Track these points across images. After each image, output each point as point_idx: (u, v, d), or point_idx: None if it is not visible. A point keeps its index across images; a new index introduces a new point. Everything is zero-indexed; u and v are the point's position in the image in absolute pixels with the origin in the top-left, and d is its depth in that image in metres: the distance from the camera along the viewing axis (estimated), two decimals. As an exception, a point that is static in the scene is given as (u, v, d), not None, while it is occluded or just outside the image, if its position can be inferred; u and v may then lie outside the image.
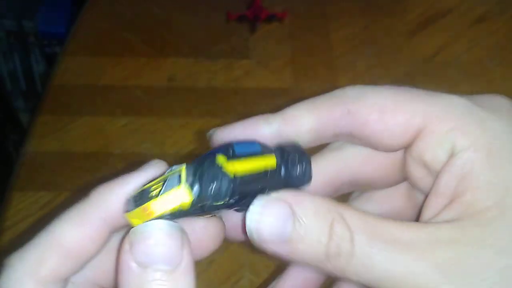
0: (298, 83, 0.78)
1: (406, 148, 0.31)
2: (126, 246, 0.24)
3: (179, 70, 0.81)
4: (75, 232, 0.27)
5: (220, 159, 0.26)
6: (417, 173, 0.31)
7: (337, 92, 0.31)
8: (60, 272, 0.27)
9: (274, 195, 0.26)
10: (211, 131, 0.31)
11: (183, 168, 0.25)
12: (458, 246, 0.25)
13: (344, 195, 0.36)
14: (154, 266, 0.24)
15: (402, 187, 0.35)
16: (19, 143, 1.16)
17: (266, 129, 0.31)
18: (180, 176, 0.25)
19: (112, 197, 0.27)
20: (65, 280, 0.28)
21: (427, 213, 0.28)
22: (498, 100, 0.30)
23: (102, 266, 0.30)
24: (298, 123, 0.31)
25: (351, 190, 0.36)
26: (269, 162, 0.28)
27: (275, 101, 0.76)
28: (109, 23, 0.88)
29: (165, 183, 0.25)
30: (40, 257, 0.26)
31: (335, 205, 0.26)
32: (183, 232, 0.25)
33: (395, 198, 0.35)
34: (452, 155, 0.28)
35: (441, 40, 0.84)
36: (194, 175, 0.25)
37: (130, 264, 0.24)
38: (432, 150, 0.29)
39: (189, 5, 0.91)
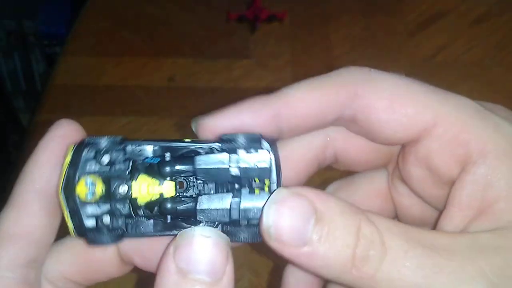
0: (298, 83, 0.78)
1: (408, 144, 0.29)
2: (170, 248, 0.23)
3: (179, 70, 0.81)
4: (12, 215, 0.26)
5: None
6: (418, 173, 0.29)
7: (343, 72, 0.29)
8: (18, 258, 0.25)
9: (294, 189, 0.23)
10: (195, 119, 0.29)
11: None
12: (504, 253, 0.23)
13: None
14: (195, 275, 0.22)
15: (382, 187, 0.33)
16: (19, 143, 1.16)
17: (264, 113, 0.28)
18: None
19: (36, 168, 0.27)
20: (31, 266, 0.26)
21: (449, 226, 0.26)
22: (502, 108, 0.28)
23: (74, 262, 0.29)
24: (300, 105, 0.28)
25: (332, 164, 0.33)
26: None
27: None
28: (109, 23, 0.88)
29: None
30: None
31: (361, 209, 0.23)
32: (229, 245, 0.24)
33: (374, 198, 0.33)
34: (468, 162, 0.26)
35: (441, 40, 0.84)
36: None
37: (170, 268, 0.23)
38: (442, 155, 0.27)
39: (189, 5, 0.91)
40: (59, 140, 0.27)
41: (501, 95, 0.74)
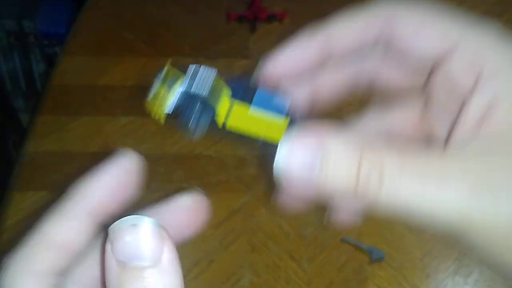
0: (298, 83, 0.78)
1: (435, 65, 0.31)
2: (108, 246, 0.24)
3: (179, 70, 0.81)
4: (63, 227, 0.27)
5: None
6: (442, 96, 0.31)
7: (376, 3, 0.32)
8: (54, 266, 0.27)
9: (303, 127, 0.26)
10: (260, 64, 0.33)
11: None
12: (491, 167, 0.24)
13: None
14: (132, 263, 0.23)
15: (415, 115, 0.34)
16: (19, 143, 1.16)
17: (309, 48, 0.31)
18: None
19: (96, 192, 0.28)
20: (61, 275, 0.27)
21: (456, 138, 0.28)
22: None
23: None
24: (343, 35, 0.32)
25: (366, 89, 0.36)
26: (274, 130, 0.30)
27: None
28: (109, 23, 0.88)
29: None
30: (33, 253, 0.27)
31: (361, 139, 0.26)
32: (160, 226, 0.24)
33: (407, 120, 0.35)
34: (480, 80, 0.28)
35: (441, 40, 0.84)
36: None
37: (111, 263, 0.24)
38: (462, 72, 0.29)
39: (189, 5, 0.91)
40: (123, 171, 0.28)
41: (501, 95, 0.74)
